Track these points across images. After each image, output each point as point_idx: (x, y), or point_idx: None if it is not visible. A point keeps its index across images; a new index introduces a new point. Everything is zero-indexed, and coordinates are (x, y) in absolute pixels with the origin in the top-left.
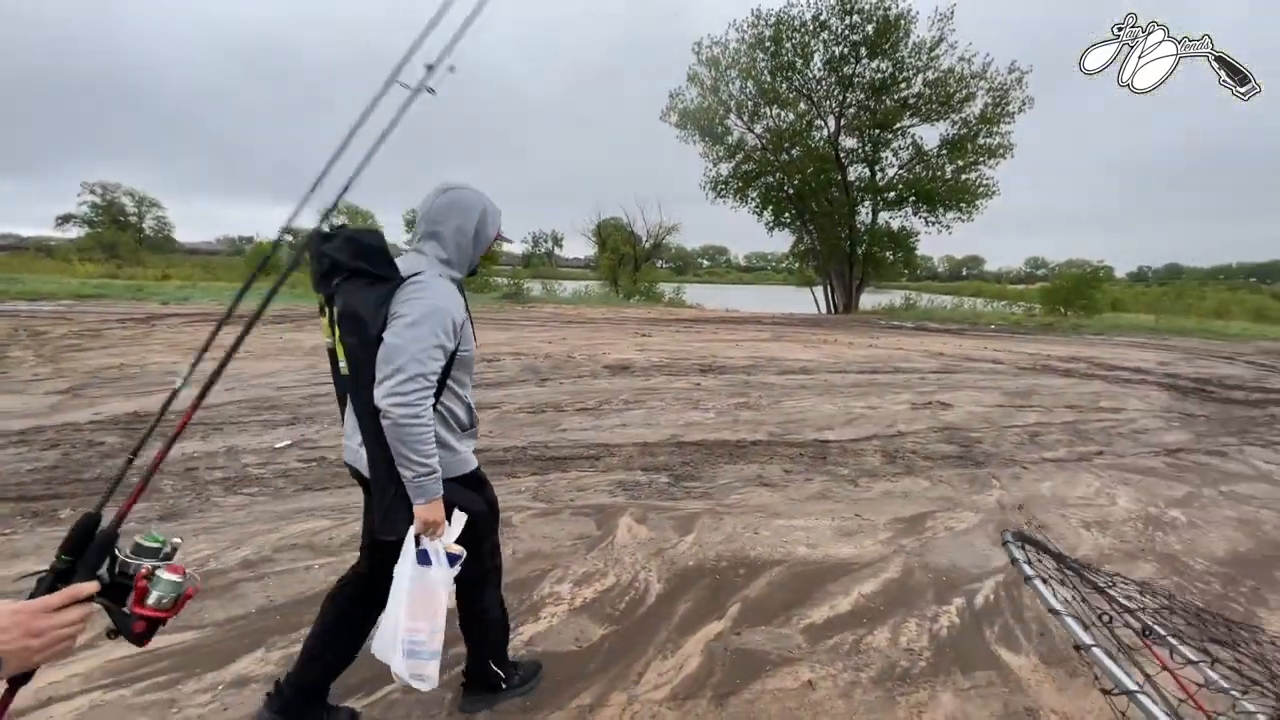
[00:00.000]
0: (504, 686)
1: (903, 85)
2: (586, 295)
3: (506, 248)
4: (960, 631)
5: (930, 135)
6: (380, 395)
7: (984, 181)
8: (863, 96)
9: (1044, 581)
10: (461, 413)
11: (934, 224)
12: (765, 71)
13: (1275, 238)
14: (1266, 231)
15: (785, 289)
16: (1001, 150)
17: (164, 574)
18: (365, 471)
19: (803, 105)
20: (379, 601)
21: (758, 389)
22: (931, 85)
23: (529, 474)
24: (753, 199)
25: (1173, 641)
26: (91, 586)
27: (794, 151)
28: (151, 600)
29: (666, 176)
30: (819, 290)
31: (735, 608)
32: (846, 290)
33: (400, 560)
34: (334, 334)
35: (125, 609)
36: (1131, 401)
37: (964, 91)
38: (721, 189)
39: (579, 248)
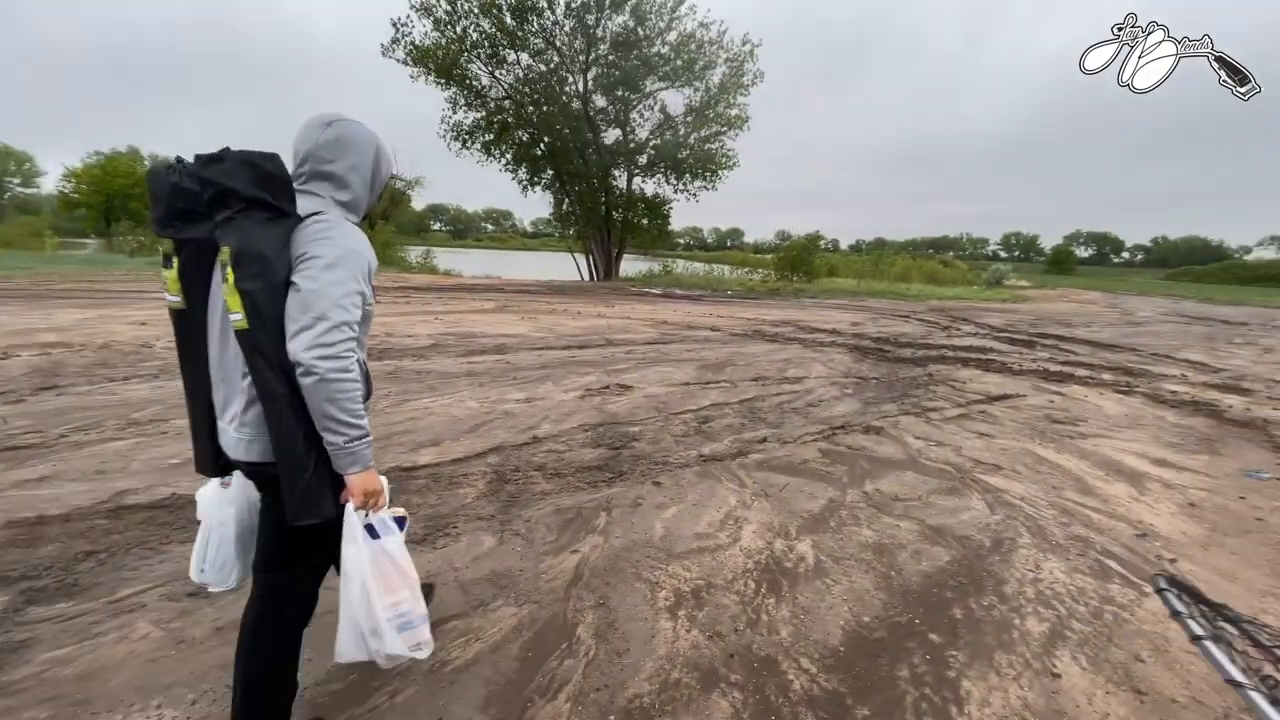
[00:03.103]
0: None
1: (644, 43)
2: None
3: None
4: None
5: (675, 101)
6: (300, 348)
7: (725, 152)
8: (608, 52)
9: (1215, 641)
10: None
11: (682, 191)
12: (505, 10)
13: (947, 217)
14: (944, 211)
15: (566, 256)
16: (739, 121)
17: None
18: (253, 455)
19: (556, 59)
20: (291, 623)
21: (401, 381)
22: (674, 47)
23: None
24: (505, 155)
25: None
26: None
27: (546, 107)
28: None
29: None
30: (581, 257)
31: None
32: (606, 257)
33: (347, 542)
34: (182, 288)
35: None
36: (816, 368)
37: (704, 59)
38: (466, 140)
39: None
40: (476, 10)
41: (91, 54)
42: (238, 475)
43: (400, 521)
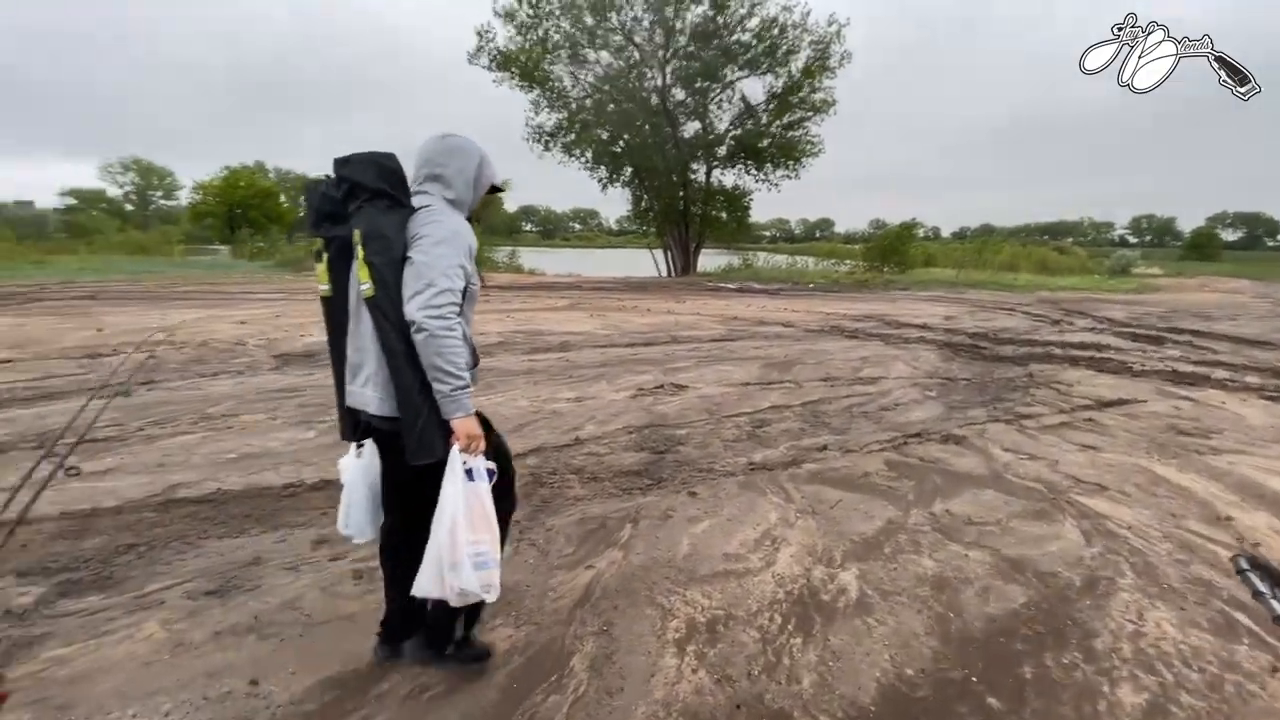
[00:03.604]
0: (447, 651)
1: (724, 32)
2: None
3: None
4: None
5: (756, 89)
6: (415, 309)
7: (809, 139)
8: (687, 44)
9: None
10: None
11: (763, 181)
12: (585, 10)
13: (1065, 200)
14: (1062, 194)
15: (648, 253)
16: (824, 106)
17: None
18: (384, 410)
19: (636, 55)
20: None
21: None
22: (755, 34)
23: None
24: (584, 155)
25: None
26: None
27: (626, 105)
28: None
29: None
30: (659, 253)
31: None
32: (684, 252)
33: (447, 480)
34: (330, 278)
35: None
36: (897, 367)
37: (787, 44)
38: (549, 141)
39: None
40: (557, 11)
41: (226, 74)
42: (369, 444)
43: (492, 475)
